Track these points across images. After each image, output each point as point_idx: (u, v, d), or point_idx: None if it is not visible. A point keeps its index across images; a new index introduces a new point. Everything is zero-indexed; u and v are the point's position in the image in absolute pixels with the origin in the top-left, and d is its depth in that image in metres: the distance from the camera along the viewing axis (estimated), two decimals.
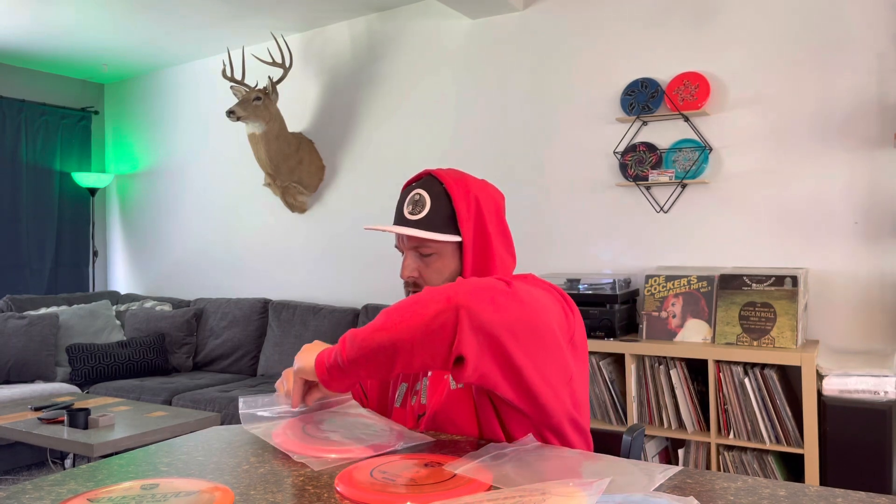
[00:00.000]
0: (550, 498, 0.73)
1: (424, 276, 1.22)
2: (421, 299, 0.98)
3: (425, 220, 1.21)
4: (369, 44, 4.12)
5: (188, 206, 5.00)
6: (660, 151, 3.16)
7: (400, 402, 1.27)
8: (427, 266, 1.22)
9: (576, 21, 3.41)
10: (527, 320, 0.98)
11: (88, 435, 2.63)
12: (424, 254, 1.22)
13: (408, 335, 0.96)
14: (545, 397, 1.04)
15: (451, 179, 1.24)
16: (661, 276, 2.87)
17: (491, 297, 0.96)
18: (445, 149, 3.81)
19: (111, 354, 4.17)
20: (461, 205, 1.21)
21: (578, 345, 1.13)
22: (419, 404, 1.22)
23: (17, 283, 4.93)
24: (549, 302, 1.06)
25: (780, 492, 0.82)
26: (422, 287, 1.21)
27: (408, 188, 1.27)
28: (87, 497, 0.81)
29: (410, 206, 1.23)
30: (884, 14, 2.74)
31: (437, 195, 1.22)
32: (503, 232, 1.26)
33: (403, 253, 1.25)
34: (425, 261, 1.22)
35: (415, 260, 1.23)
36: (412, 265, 1.23)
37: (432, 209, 1.21)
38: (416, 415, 1.22)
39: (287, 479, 0.89)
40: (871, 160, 2.76)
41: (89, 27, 4.23)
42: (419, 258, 1.23)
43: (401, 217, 1.24)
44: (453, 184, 1.23)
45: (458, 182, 1.24)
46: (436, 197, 1.22)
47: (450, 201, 1.22)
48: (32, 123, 5.05)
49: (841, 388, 2.40)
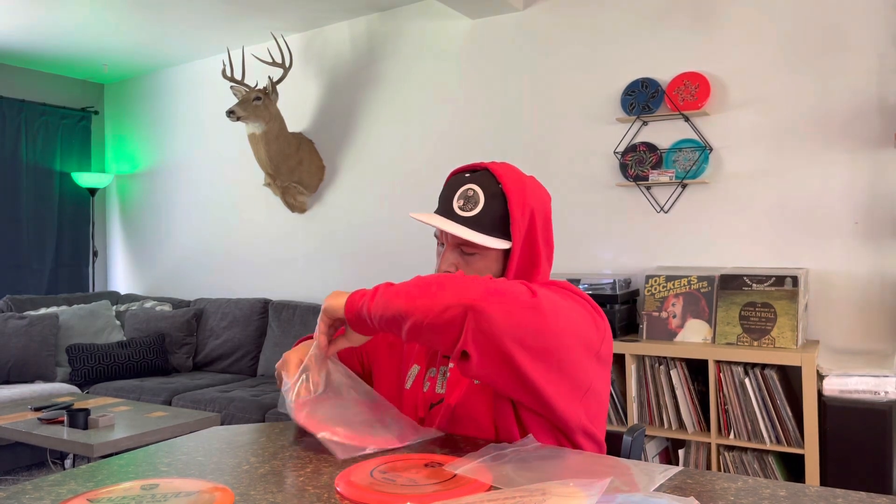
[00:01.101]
0: (550, 498, 0.73)
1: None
2: (443, 284, 0.97)
3: (475, 219, 1.15)
4: (369, 44, 4.12)
5: (188, 206, 5.00)
6: (660, 151, 3.16)
7: (410, 384, 1.22)
8: (467, 264, 1.16)
9: (576, 21, 3.41)
10: (541, 331, 0.96)
11: (88, 435, 2.63)
12: (467, 252, 1.16)
13: (421, 315, 0.96)
14: (557, 406, 1.03)
15: (509, 181, 1.17)
16: (661, 276, 2.87)
17: (508, 303, 0.95)
18: (445, 148, 3.81)
19: (111, 354, 4.17)
20: (517, 212, 1.15)
21: (604, 358, 1.10)
22: (432, 392, 1.18)
23: (17, 283, 4.93)
24: (575, 314, 1.04)
25: (781, 492, 0.82)
26: None
27: (458, 178, 1.20)
28: (87, 497, 0.81)
29: (462, 200, 1.16)
30: (884, 14, 2.74)
31: (492, 195, 1.16)
32: (548, 240, 1.21)
33: (443, 244, 1.19)
34: (466, 259, 1.16)
35: (456, 256, 1.17)
36: (452, 260, 1.17)
37: (485, 209, 1.15)
38: (428, 403, 1.17)
39: (287, 480, 0.89)
40: (872, 160, 2.76)
41: (89, 27, 4.23)
42: (460, 255, 1.17)
43: (449, 209, 1.18)
44: (512, 186, 1.16)
45: (516, 185, 1.17)
46: (491, 197, 1.16)
47: (505, 205, 1.16)
48: (32, 123, 5.05)
49: (841, 389, 2.39)
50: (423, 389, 1.19)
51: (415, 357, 1.24)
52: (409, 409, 1.20)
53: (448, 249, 1.18)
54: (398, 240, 3.99)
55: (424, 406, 1.18)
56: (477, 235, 1.14)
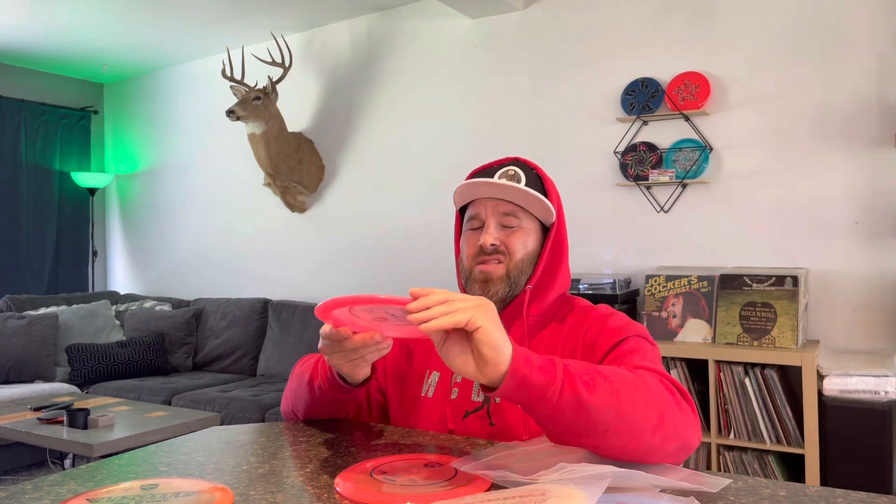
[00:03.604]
0: (550, 498, 0.73)
1: (508, 246, 1.15)
2: (661, 412, 0.90)
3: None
4: (369, 43, 4.12)
5: (188, 205, 5.00)
6: (660, 151, 3.16)
7: (432, 392, 1.17)
8: (510, 235, 1.16)
9: (576, 21, 3.41)
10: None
11: (88, 435, 2.62)
12: (508, 225, 1.16)
13: (629, 445, 0.88)
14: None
15: (541, 169, 1.22)
16: (661, 276, 2.86)
17: (694, 427, 0.95)
18: (445, 148, 3.81)
19: (111, 354, 4.17)
20: (553, 193, 1.19)
21: None
22: (466, 399, 1.14)
23: (17, 282, 4.93)
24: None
25: (781, 492, 0.82)
26: (503, 255, 1.15)
27: (488, 170, 1.21)
28: (87, 497, 0.80)
29: (505, 178, 1.17)
30: (884, 13, 2.74)
31: (531, 177, 1.19)
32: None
33: (479, 225, 1.18)
34: (507, 231, 1.16)
35: (498, 229, 1.16)
36: (496, 233, 1.15)
37: (528, 185, 1.17)
38: (462, 411, 1.13)
39: (287, 480, 0.89)
40: (872, 160, 2.76)
41: (89, 27, 4.23)
42: (501, 228, 1.16)
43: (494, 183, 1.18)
44: (544, 173, 1.21)
45: (546, 176, 1.21)
46: (530, 178, 1.18)
47: (542, 186, 1.19)
48: (32, 123, 5.04)
49: (841, 388, 2.39)
50: (452, 397, 1.15)
51: (433, 363, 1.20)
52: (434, 419, 1.15)
53: (490, 223, 1.16)
54: (398, 239, 3.99)
55: (457, 415, 1.13)
56: (538, 194, 1.14)
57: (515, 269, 1.15)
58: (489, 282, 1.14)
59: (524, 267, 1.16)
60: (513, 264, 1.15)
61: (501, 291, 1.15)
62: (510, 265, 1.15)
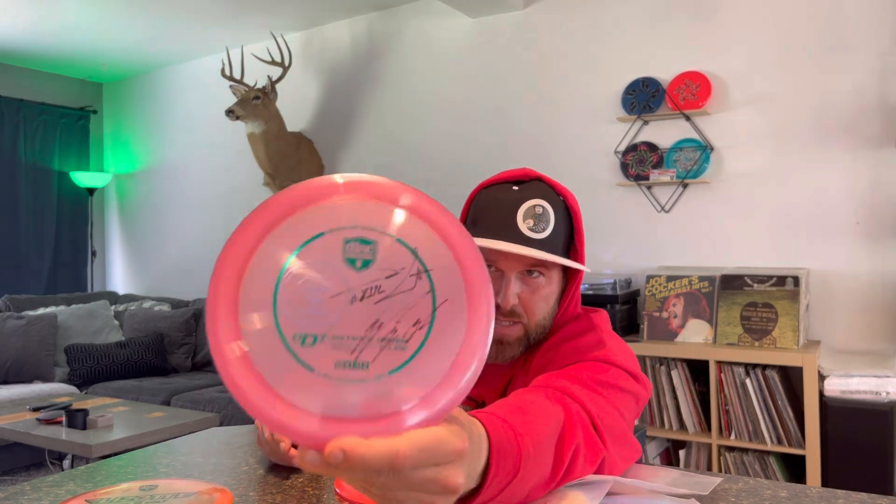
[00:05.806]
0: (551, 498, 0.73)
1: (528, 305, 1.00)
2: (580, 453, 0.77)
3: (550, 240, 0.99)
4: (369, 42, 4.11)
5: (187, 205, 4.99)
6: (661, 151, 3.16)
7: None
8: (533, 292, 1.00)
9: (576, 20, 3.41)
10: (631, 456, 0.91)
11: (87, 435, 2.62)
12: (531, 276, 1.00)
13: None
14: None
15: (569, 194, 1.04)
16: (662, 277, 2.86)
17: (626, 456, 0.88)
18: (445, 147, 3.81)
19: (110, 355, 4.16)
20: (580, 230, 1.03)
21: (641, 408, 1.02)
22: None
23: (16, 282, 4.92)
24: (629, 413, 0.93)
25: (782, 493, 0.81)
26: (520, 316, 1.00)
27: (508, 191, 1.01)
28: (86, 498, 0.80)
29: (532, 220, 0.98)
30: (886, 13, 2.73)
31: (561, 215, 1.01)
32: None
33: (503, 274, 1.00)
34: (531, 286, 1.00)
35: (520, 285, 1.00)
36: (517, 291, 1.00)
37: (556, 229, 0.99)
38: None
39: (286, 481, 0.89)
40: (873, 160, 2.75)
41: (88, 27, 4.22)
42: (523, 284, 1.00)
43: (515, 231, 0.98)
44: (573, 202, 1.03)
45: (573, 199, 1.04)
46: (560, 216, 1.00)
47: (571, 223, 1.03)
48: (31, 123, 5.04)
49: (842, 389, 2.39)
50: None
51: None
52: None
53: (511, 280, 0.99)
54: None
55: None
56: (563, 260, 0.98)
57: (535, 330, 1.02)
58: (504, 345, 1.01)
59: (545, 323, 1.03)
60: (532, 325, 1.01)
61: (518, 354, 1.02)
62: (529, 326, 1.01)
